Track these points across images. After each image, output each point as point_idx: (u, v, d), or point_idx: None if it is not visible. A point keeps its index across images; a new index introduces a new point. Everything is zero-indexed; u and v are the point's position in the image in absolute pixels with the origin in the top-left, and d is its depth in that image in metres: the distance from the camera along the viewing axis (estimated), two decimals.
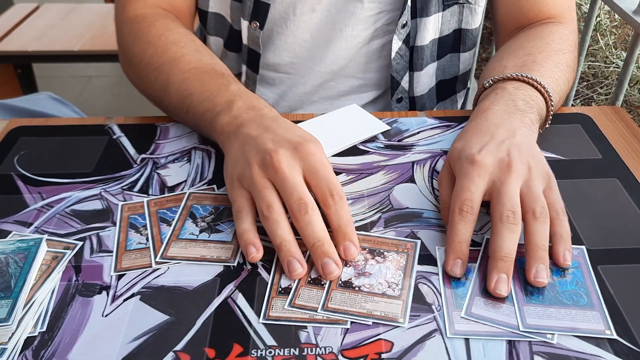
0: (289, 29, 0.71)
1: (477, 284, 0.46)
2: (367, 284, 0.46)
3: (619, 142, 0.63)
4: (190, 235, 0.51)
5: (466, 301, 0.44)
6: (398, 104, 0.76)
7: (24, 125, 0.67)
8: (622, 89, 0.94)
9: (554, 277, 0.46)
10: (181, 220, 0.52)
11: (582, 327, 0.42)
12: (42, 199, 0.56)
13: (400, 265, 0.48)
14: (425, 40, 0.71)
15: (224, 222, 0.52)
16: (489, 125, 0.54)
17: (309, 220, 0.46)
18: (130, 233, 0.51)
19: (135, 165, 0.60)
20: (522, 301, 0.44)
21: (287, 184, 0.47)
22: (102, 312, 0.44)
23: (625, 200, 0.54)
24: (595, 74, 1.68)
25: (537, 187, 0.48)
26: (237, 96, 0.57)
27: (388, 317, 0.43)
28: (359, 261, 0.48)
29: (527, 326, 0.42)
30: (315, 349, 0.41)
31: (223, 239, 0.50)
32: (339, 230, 0.47)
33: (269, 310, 0.44)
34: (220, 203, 0.54)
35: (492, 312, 0.43)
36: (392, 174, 0.58)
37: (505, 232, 0.45)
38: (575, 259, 0.48)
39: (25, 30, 1.87)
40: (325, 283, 0.46)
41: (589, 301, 0.44)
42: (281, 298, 0.45)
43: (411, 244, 0.50)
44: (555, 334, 0.42)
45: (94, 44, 1.76)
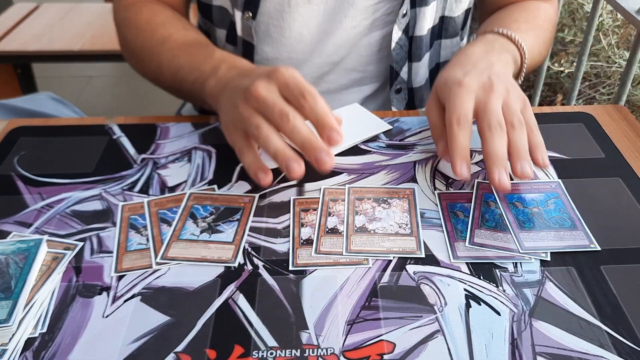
0: (286, 22, 0.71)
1: (475, 219, 0.51)
2: (380, 227, 0.51)
3: (622, 141, 0.62)
4: (190, 235, 0.51)
5: (468, 233, 0.50)
6: (397, 94, 0.75)
7: (24, 125, 0.67)
8: (625, 89, 0.94)
9: (540, 206, 0.53)
10: (182, 221, 0.52)
11: (570, 244, 0.49)
12: (42, 200, 0.55)
13: (404, 208, 0.53)
14: (423, 30, 0.71)
15: (224, 223, 0.52)
16: (469, 59, 0.59)
17: (293, 126, 0.50)
18: (131, 233, 0.51)
19: (136, 165, 0.60)
20: (517, 229, 0.50)
21: (267, 104, 0.51)
22: (103, 313, 0.44)
23: (629, 200, 0.54)
24: (598, 73, 1.68)
25: (515, 105, 0.54)
26: (221, 62, 0.60)
27: (406, 251, 0.48)
28: (367, 209, 0.53)
29: (525, 248, 0.48)
30: (317, 350, 0.41)
31: (224, 239, 0.50)
32: (318, 123, 0.51)
33: (295, 259, 0.48)
34: (221, 203, 0.54)
35: (492, 241, 0.49)
36: (394, 174, 0.58)
37: (496, 138, 0.51)
38: (554, 190, 0.55)
39: (24, 30, 1.87)
40: (342, 231, 0.50)
41: (573, 224, 0.51)
42: (304, 248, 0.49)
43: (409, 189, 0.55)
44: (548, 252, 0.48)
45: (94, 44, 1.75)
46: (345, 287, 0.46)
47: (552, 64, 1.74)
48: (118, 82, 2.53)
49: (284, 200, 0.55)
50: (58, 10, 2.02)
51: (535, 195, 0.54)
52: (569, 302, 0.44)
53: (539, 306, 0.44)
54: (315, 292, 0.45)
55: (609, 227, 0.51)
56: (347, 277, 0.47)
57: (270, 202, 0.54)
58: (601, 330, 0.42)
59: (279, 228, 0.52)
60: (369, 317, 0.43)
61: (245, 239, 0.50)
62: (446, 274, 0.47)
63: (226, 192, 0.56)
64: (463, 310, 0.44)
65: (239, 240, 0.50)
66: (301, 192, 0.56)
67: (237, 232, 0.51)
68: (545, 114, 0.67)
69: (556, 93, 1.81)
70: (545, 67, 1.32)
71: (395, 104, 0.76)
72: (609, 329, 0.42)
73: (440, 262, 0.48)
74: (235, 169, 0.59)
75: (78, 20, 1.93)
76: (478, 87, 0.54)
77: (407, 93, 0.76)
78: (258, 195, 0.55)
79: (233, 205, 0.54)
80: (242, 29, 0.72)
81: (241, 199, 0.55)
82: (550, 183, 0.55)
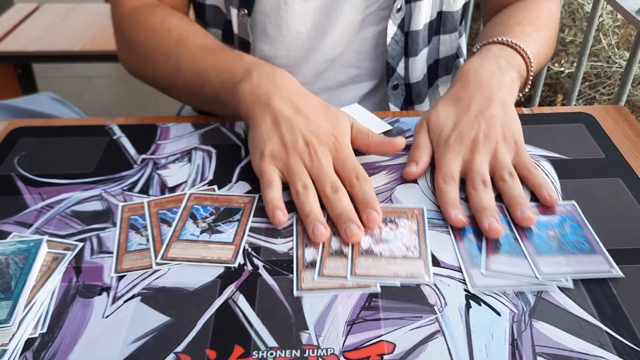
0: (282, 19, 0.71)
1: (489, 244, 0.49)
2: (386, 249, 0.49)
3: (623, 141, 0.62)
4: (190, 236, 0.51)
5: (482, 259, 0.48)
6: (394, 90, 0.75)
7: (24, 125, 0.67)
8: (625, 89, 0.94)
9: (556, 229, 0.51)
10: (182, 221, 0.52)
11: (590, 269, 0.46)
12: (43, 200, 0.55)
13: (413, 229, 0.51)
14: (419, 24, 0.71)
15: (224, 223, 0.52)
16: (468, 93, 0.59)
17: (339, 198, 0.51)
18: (131, 234, 0.51)
19: (136, 165, 0.60)
20: (534, 254, 0.48)
21: (322, 172, 0.53)
22: (103, 314, 0.44)
23: (629, 200, 0.54)
24: (598, 74, 1.68)
25: (504, 157, 0.55)
26: (253, 65, 0.60)
27: (414, 276, 0.46)
28: (374, 230, 0.51)
29: (543, 274, 0.46)
30: (317, 350, 0.41)
31: (224, 239, 0.50)
32: (362, 202, 0.52)
33: (300, 282, 0.46)
34: (221, 203, 0.54)
35: (509, 267, 0.47)
36: (394, 174, 0.58)
37: (481, 194, 0.52)
38: (569, 213, 0.52)
39: (25, 30, 1.87)
40: (347, 253, 0.48)
41: (591, 247, 0.48)
42: (309, 271, 0.47)
43: (418, 209, 0.53)
44: (569, 278, 0.46)
45: (94, 44, 1.75)
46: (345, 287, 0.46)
47: (552, 64, 1.74)
48: (118, 82, 2.53)
49: (284, 199, 0.55)
50: (58, 10, 2.02)
51: (550, 217, 0.52)
52: (569, 303, 0.44)
53: (539, 306, 0.44)
54: (315, 293, 0.45)
55: (609, 228, 0.51)
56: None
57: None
58: (601, 331, 0.42)
59: (279, 228, 0.52)
60: (369, 318, 0.43)
61: (245, 239, 0.50)
62: (446, 274, 0.47)
63: (226, 193, 0.56)
64: (463, 311, 0.44)
65: (239, 240, 0.50)
66: None
67: (237, 232, 0.51)
68: (546, 114, 0.67)
69: (556, 93, 1.81)
70: (545, 67, 1.32)
71: (392, 100, 0.76)
72: (609, 329, 0.42)
73: (441, 263, 0.48)
74: (235, 169, 0.59)
75: (78, 21, 1.93)
76: (466, 148, 0.55)
77: (405, 89, 0.76)
78: (258, 195, 0.55)
79: (233, 206, 0.54)
80: (239, 26, 0.72)
81: (241, 200, 0.55)
82: (565, 205, 0.53)
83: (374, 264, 0.47)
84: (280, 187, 0.53)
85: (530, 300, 0.44)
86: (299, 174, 0.53)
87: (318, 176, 0.53)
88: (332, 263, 0.48)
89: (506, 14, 0.72)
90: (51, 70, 2.53)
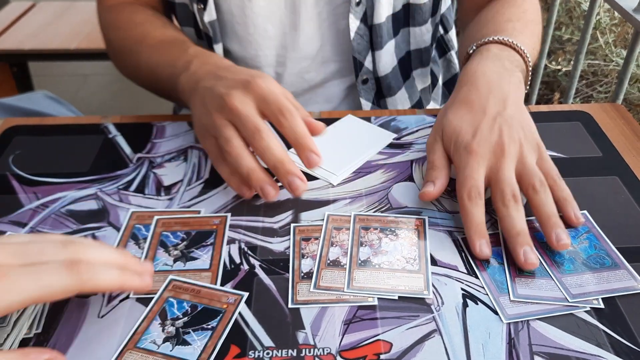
0: (248, 17, 0.70)
1: (511, 266, 0.47)
2: (386, 262, 0.47)
3: (620, 139, 0.62)
4: (164, 266, 0.48)
5: (509, 285, 0.46)
6: (364, 85, 0.74)
7: (19, 124, 0.66)
8: (622, 87, 0.94)
9: (574, 244, 0.49)
10: (152, 250, 0.49)
11: (617, 287, 0.45)
12: (37, 199, 0.55)
13: (413, 241, 0.49)
14: (381, 17, 0.70)
15: (198, 248, 0.49)
16: (480, 96, 0.55)
17: (266, 145, 0.50)
18: (130, 244, 0.50)
19: (131, 164, 0.60)
20: (558, 274, 0.46)
21: (240, 117, 0.50)
22: (98, 314, 0.44)
23: (626, 198, 0.54)
24: (595, 72, 1.68)
25: (531, 162, 0.51)
26: (194, 57, 0.60)
27: (413, 291, 0.45)
28: (373, 240, 0.49)
29: (573, 297, 0.44)
30: (314, 349, 0.41)
31: (200, 266, 0.47)
32: (297, 144, 0.50)
33: (295, 295, 0.45)
34: (191, 227, 0.51)
35: (537, 290, 0.45)
36: (391, 173, 0.58)
37: (513, 213, 0.48)
38: (583, 225, 0.50)
39: (20, 28, 1.86)
40: (345, 264, 0.47)
41: (613, 261, 0.47)
42: (305, 283, 0.46)
43: (419, 220, 0.52)
44: (599, 298, 0.44)
45: (90, 42, 1.75)
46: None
47: (550, 63, 1.74)
48: (114, 80, 2.52)
49: (280, 199, 0.55)
50: (54, 8, 2.01)
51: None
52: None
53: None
54: (310, 305, 0.45)
55: (607, 226, 0.51)
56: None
57: (267, 202, 0.54)
58: (598, 330, 0.42)
59: (276, 227, 0.52)
60: (365, 317, 0.43)
61: (222, 262, 0.48)
62: (443, 273, 0.47)
63: (195, 216, 0.53)
64: (460, 310, 0.44)
65: (216, 265, 0.47)
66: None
67: (213, 257, 0.48)
68: (543, 112, 0.67)
69: (553, 91, 1.81)
70: (542, 66, 1.32)
71: (363, 95, 0.75)
72: (606, 328, 0.42)
73: (438, 262, 0.48)
74: None
75: (74, 19, 1.93)
76: (490, 152, 0.51)
77: (375, 83, 0.75)
78: (229, 215, 0.52)
79: (204, 229, 0.51)
80: (201, 22, 0.71)
81: (212, 221, 0.52)
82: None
83: (372, 277, 0.46)
84: (243, 152, 0.51)
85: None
86: (219, 129, 0.51)
87: (238, 124, 0.51)
88: (329, 274, 0.47)
89: (491, 11, 0.70)
90: (47, 68, 2.52)
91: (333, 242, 0.49)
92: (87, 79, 2.56)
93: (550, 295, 0.44)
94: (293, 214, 0.53)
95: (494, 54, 0.60)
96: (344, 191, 0.55)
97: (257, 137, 0.50)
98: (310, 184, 0.56)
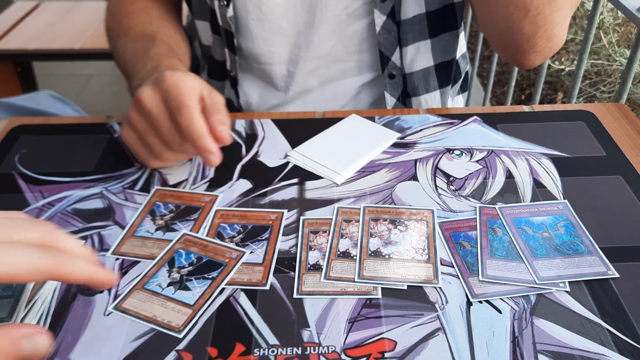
0: (264, 14, 0.70)
1: (484, 249, 0.48)
2: (395, 252, 0.48)
3: (623, 139, 0.62)
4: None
5: (479, 266, 0.47)
6: (391, 80, 0.74)
7: (24, 124, 0.67)
8: (626, 87, 0.94)
9: (550, 231, 0.50)
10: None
11: (587, 272, 0.46)
12: (43, 198, 0.55)
13: (422, 232, 0.50)
14: (407, 13, 0.69)
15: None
16: None
17: (171, 141, 0.52)
18: (146, 220, 0.52)
19: (136, 163, 0.60)
20: (530, 257, 0.48)
21: (141, 107, 0.52)
22: (104, 311, 0.44)
23: (629, 198, 0.54)
24: (599, 72, 1.68)
25: None
26: (150, 60, 0.61)
27: (423, 280, 0.46)
28: (383, 231, 0.50)
29: (541, 279, 0.46)
30: (318, 348, 0.41)
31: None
32: (194, 145, 0.50)
33: (301, 286, 0.46)
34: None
35: (506, 272, 0.47)
36: (395, 172, 0.58)
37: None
38: (562, 212, 0.52)
39: (24, 28, 1.87)
40: (355, 255, 0.48)
41: (586, 248, 0.49)
42: (311, 274, 0.47)
43: (428, 211, 0.52)
44: (566, 282, 0.46)
45: (94, 42, 1.75)
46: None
47: (553, 62, 1.74)
48: (118, 80, 2.53)
49: (284, 198, 0.55)
50: (58, 8, 2.01)
51: (544, 218, 0.52)
52: (569, 300, 0.44)
53: (540, 304, 0.44)
54: (315, 296, 0.45)
55: (610, 225, 0.51)
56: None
57: (272, 200, 0.54)
58: (602, 328, 0.42)
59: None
60: (370, 315, 0.43)
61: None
62: (447, 272, 0.47)
63: (190, 190, 0.56)
64: (464, 309, 0.44)
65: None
66: (302, 189, 0.56)
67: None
68: (546, 112, 0.67)
69: (557, 91, 1.81)
70: (545, 66, 1.32)
71: (389, 90, 0.75)
72: (610, 326, 0.42)
73: (442, 261, 0.48)
74: (236, 167, 0.59)
75: (78, 19, 1.93)
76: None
77: (402, 79, 0.76)
78: (220, 194, 0.55)
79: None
80: (221, 17, 0.72)
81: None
82: (557, 204, 0.53)
83: (382, 266, 0.47)
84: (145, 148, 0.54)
85: (531, 298, 0.44)
86: (134, 125, 0.54)
87: (146, 118, 0.53)
88: (339, 265, 0.47)
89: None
90: (51, 68, 2.53)
91: (343, 234, 0.50)
92: (91, 79, 2.57)
93: (519, 277, 0.46)
94: (297, 213, 0.53)
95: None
96: (348, 190, 0.56)
97: (157, 128, 0.52)
98: (314, 183, 0.56)
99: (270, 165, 0.59)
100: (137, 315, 0.44)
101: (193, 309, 0.44)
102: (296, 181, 0.57)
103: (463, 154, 0.60)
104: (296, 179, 0.57)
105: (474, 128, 0.64)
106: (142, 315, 0.44)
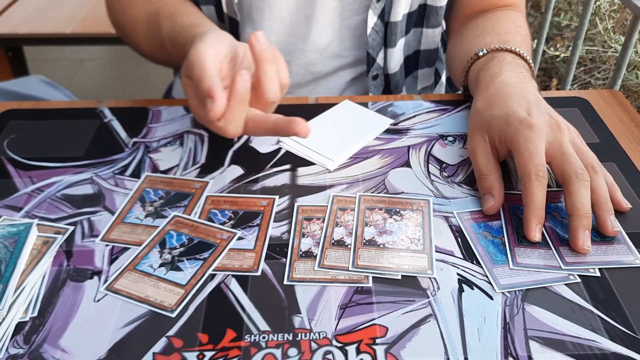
0: (266, 2, 0.70)
1: (510, 237, 0.48)
2: (390, 241, 0.48)
3: (617, 126, 0.62)
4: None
5: (508, 254, 0.47)
6: (374, 81, 0.75)
7: (14, 108, 0.66)
8: (620, 74, 0.94)
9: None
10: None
11: (614, 259, 0.46)
12: (33, 183, 0.55)
13: (417, 222, 0.50)
14: (398, 15, 0.70)
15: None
16: (515, 90, 0.54)
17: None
18: (135, 206, 0.52)
19: (127, 149, 0.59)
20: (557, 242, 0.48)
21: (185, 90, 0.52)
22: (94, 297, 0.44)
23: (622, 185, 0.54)
24: (593, 58, 1.67)
25: (582, 143, 0.51)
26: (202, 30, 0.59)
27: (417, 270, 0.45)
28: (378, 221, 0.50)
29: (567, 264, 0.46)
30: (309, 334, 0.41)
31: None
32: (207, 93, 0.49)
33: (292, 272, 0.45)
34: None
35: (535, 259, 0.46)
36: (388, 158, 0.58)
37: (582, 190, 0.47)
38: None
39: (15, 12, 1.84)
40: (349, 244, 0.48)
41: (615, 237, 0.48)
42: (302, 261, 0.46)
43: (424, 201, 0.52)
44: (596, 268, 0.45)
45: (86, 27, 1.73)
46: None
47: (548, 49, 1.74)
48: (110, 65, 2.51)
49: (276, 184, 0.54)
50: None
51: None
52: (561, 287, 0.44)
53: (531, 290, 0.44)
54: (306, 283, 0.45)
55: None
56: None
57: (263, 187, 0.54)
58: (593, 315, 0.42)
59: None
60: (361, 302, 0.43)
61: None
62: (439, 258, 0.47)
63: (181, 177, 0.55)
64: (456, 295, 0.44)
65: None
66: (294, 176, 0.55)
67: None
68: None
69: (551, 78, 1.80)
70: (540, 52, 1.32)
71: (372, 90, 0.76)
72: (601, 313, 0.42)
73: (434, 247, 0.48)
74: (227, 153, 0.59)
75: (70, 3, 1.90)
76: (547, 127, 0.50)
77: (384, 79, 0.76)
78: (211, 181, 0.55)
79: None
80: (227, 4, 0.71)
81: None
82: None
83: (376, 256, 0.47)
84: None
85: None
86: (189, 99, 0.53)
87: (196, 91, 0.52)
88: (334, 253, 0.47)
89: (489, 22, 0.69)
90: (42, 53, 2.50)
91: (338, 223, 0.50)
92: (83, 63, 2.55)
93: (546, 264, 0.46)
94: (290, 199, 0.53)
95: (509, 61, 0.59)
96: (341, 177, 0.55)
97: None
98: (306, 169, 0.56)
99: (262, 151, 0.59)
100: (129, 295, 0.44)
101: (185, 289, 0.44)
102: (288, 167, 0.57)
103: (456, 141, 0.60)
104: (288, 165, 0.57)
105: (467, 114, 0.64)
106: (134, 295, 0.44)
